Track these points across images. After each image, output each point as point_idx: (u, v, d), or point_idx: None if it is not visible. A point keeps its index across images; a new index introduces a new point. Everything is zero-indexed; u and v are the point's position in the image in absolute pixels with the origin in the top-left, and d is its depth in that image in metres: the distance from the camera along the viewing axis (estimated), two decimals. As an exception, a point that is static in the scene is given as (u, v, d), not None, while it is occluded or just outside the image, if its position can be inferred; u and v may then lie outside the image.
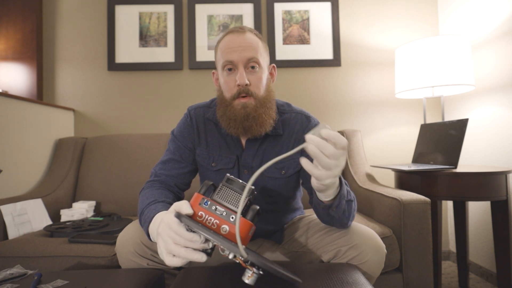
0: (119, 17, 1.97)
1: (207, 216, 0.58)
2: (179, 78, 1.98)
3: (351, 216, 0.78)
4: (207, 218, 0.58)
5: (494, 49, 1.60)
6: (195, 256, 0.54)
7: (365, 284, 0.63)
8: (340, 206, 0.72)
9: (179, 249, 0.55)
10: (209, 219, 0.58)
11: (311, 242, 0.86)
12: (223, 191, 0.62)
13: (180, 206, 0.59)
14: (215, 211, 0.58)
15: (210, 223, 0.58)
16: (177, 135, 0.93)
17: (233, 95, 0.82)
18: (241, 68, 0.80)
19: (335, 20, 1.99)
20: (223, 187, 0.62)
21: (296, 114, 0.93)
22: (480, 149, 1.71)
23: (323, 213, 0.76)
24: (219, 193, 0.61)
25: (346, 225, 0.80)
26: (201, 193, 0.61)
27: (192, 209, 0.58)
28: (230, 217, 0.58)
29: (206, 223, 0.58)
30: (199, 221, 0.58)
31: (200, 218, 0.58)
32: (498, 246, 1.35)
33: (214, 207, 0.59)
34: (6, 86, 1.91)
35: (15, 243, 1.12)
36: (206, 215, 0.58)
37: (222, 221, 0.58)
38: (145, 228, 0.71)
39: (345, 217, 0.76)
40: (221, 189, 0.62)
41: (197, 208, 0.59)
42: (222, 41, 0.84)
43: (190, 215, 0.58)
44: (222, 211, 0.58)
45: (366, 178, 1.59)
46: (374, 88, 2.01)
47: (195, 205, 0.59)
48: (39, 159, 1.65)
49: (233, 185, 0.62)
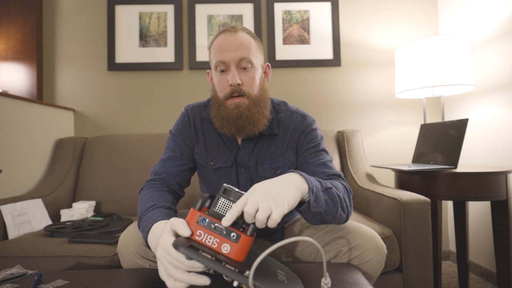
0: (119, 17, 1.97)
1: (206, 235, 0.55)
2: (179, 78, 1.98)
3: (343, 205, 0.73)
4: (206, 237, 0.55)
5: (494, 49, 1.60)
6: (198, 280, 0.52)
7: (365, 284, 0.63)
8: (319, 198, 0.66)
9: (180, 274, 0.53)
10: (209, 238, 0.55)
11: (306, 239, 0.86)
12: (221, 202, 0.58)
13: (177, 227, 0.55)
14: (215, 229, 0.55)
15: (209, 242, 0.54)
16: (175, 133, 0.93)
17: (226, 95, 0.82)
18: (233, 68, 0.80)
19: (335, 20, 1.99)
20: (221, 198, 0.58)
21: (292, 113, 0.92)
22: (480, 149, 1.71)
23: (308, 217, 0.71)
24: (217, 205, 0.58)
25: (340, 216, 0.73)
26: (197, 208, 0.57)
27: (189, 230, 0.55)
28: (231, 235, 0.54)
29: (206, 242, 0.54)
30: (198, 241, 0.55)
31: (199, 237, 0.55)
32: (498, 246, 1.35)
33: (213, 225, 0.55)
34: (6, 86, 1.91)
35: (15, 243, 1.12)
36: (205, 234, 0.55)
37: (223, 239, 0.54)
38: (144, 237, 0.70)
39: (333, 206, 0.70)
40: (219, 200, 0.58)
41: (195, 227, 0.55)
42: (215, 41, 0.84)
43: (188, 236, 0.55)
44: (222, 228, 0.55)
45: (366, 178, 1.59)
46: (374, 88, 2.01)
47: (192, 223, 0.56)
48: (39, 159, 1.65)
49: (230, 196, 0.58)
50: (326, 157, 0.87)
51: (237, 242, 0.54)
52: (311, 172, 0.84)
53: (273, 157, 0.89)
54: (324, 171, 0.83)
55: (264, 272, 0.55)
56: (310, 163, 0.86)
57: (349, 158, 1.69)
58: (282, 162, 0.89)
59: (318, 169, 0.84)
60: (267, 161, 0.89)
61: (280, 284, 0.54)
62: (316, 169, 0.84)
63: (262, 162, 0.89)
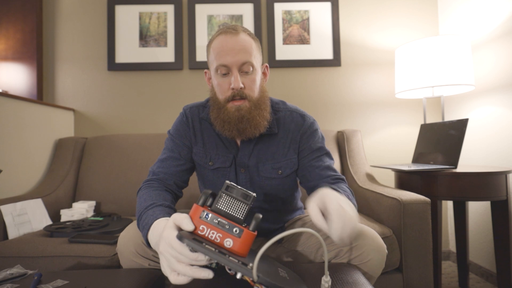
0: (119, 17, 1.97)
1: (209, 230, 0.55)
2: (179, 78, 1.98)
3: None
4: (209, 232, 0.55)
5: (494, 49, 1.60)
6: (201, 274, 0.52)
7: (365, 284, 0.63)
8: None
9: (183, 267, 0.53)
10: (212, 233, 0.55)
11: (312, 241, 0.86)
12: (223, 199, 0.59)
13: (181, 221, 0.56)
14: (217, 224, 0.56)
15: (212, 237, 0.55)
16: (174, 134, 0.93)
17: (227, 97, 0.81)
18: (235, 72, 0.79)
19: (335, 20, 1.99)
20: (223, 195, 0.59)
21: (291, 112, 0.92)
22: (480, 149, 1.71)
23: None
24: (219, 201, 0.58)
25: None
26: (200, 204, 0.58)
27: (193, 224, 0.55)
28: (234, 230, 0.55)
29: (209, 237, 0.55)
30: (201, 235, 0.55)
31: (202, 232, 0.56)
32: (498, 246, 1.35)
33: (216, 220, 0.56)
34: (6, 86, 1.91)
35: (15, 243, 1.12)
36: (208, 229, 0.56)
37: (225, 234, 0.55)
38: (144, 235, 0.69)
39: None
40: (221, 197, 0.59)
41: (198, 222, 0.56)
42: (215, 41, 0.83)
43: (192, 231, 0.56)
44: (225, 223, 0.56)
45: (366, 178, 1.59)
46: (374, 88, 2.01)
47: (195, 218, 0.56)
48: (39, 159, 1.65)
49: (233, 192, 0.59)
50: (330, 161, 0.90)
51: (240, 237, 0.55)
52: (318, 175, 0.86)
53: (275, 157, 0.89)
54: (330, 174, 0.86)
55: (266, 268, 0.55)
56: (316, 167, 0.87)
57: (349, 158, 1.69)
58: (284, 163, 0.89)
59: (324, 172, 0.86)
60: (269, 161, 0.89)
61: (282, 279, 0.54)
62: (322, 172, 0.86)
63: (263, 162, 0.89)
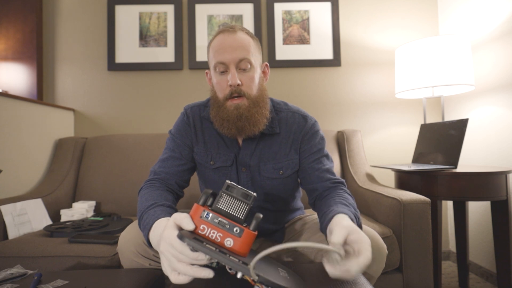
0: (119, 17, 1.97)
1: (210, 230, 0.56)
2: (179, 78, 1.98)
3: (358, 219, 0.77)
4: (209, 232, 0.55)
5: (494, 49, 1.60)
6: (202, 273, 0.52)
7: (365, 284, 0.63)
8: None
9: (184, 267, 0.53)
10: (212, 233, 0.55)
11: (312, 241, 0.86)
12: (224, 199, 0.59)
13: (181, 221, 0.56)
14: (218, 224, 0.56)
15: (213, 236, 0.55)
16: (175, 133, 0.93)
17: (225, 95, 0.82)
18: (232, 68, 0.80)
19: (335, 20, 1.99)
20: (224, 194, 0.59)
21: (293, 113, 0.93)
22: (480, 149, 1.71)
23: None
24: (220, 201, 0.58)
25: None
26: (200, 203, 0.58)
27: (193, 224, 0.55)
28: (234, 229, 0.55)
29: (209, 236, 0.55)
30: (201, 235, 0.55)
31: (202, 232, 0.56)
32: (498, 246, 1.35)
33: (216, 219, 0.56)
34: (6, 86, 1.91)
35: (15, 243, 1.12)
36: (208, 228, 0.56)
37: (226, 234, 0.55)
38: (145, 235, 0.69)
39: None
40: (222, 196, 0.59)
41: (198, 221, 0.56)
42: (214, 41, 0.84)
43: (192, 230, 0.56)
44: (225, 223, 0.56)
45: (366, 178, 1.59)
46: (374, 88, 2.01)
47: (195, 217, 0.56)
48: (39, 159, 1.65)
49: (233, 192, 0.59)
50: (330, 164, 0.90)
51: (240, 237, 0.55)
52: (317, 178, 0.87)
53: (276, 157, 0.89)
54: (330, 177, 0.87)
55: (266, 268, 0.56)
56: (315, 169, 0.88)
57: (349, 158, 1.69)
58: (285, 163, 0.89)
59: (324, 175, 0.87)
60: (270, 161, 0.89)
61: (282, 279, 0.54)
62: (322, 175, 0.87)
63: (264, 162, 0.89)
